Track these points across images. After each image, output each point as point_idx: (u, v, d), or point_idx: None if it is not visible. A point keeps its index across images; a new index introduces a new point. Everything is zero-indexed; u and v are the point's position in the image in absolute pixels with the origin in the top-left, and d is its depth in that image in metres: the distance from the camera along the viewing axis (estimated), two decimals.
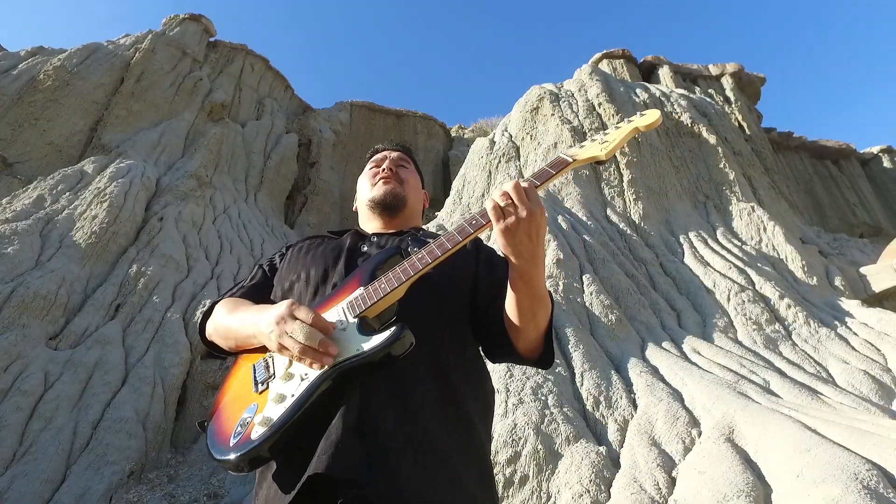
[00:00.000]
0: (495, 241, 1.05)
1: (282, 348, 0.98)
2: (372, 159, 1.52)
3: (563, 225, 7.45)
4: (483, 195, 9.39)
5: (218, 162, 14.31)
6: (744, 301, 6.62)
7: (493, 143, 10.76)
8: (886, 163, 19.90)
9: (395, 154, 1.51)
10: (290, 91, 20.12)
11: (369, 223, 1.43)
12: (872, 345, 5.84)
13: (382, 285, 1.03)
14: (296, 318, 0.98)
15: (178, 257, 10.10)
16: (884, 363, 5.43)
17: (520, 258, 1.01)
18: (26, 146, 12.56)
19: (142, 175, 11.65)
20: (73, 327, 8.06)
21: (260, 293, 1.30)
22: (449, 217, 9.31)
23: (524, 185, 1.00)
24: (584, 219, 7.97)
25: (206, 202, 12.64)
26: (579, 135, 9.77)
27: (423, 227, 1.53)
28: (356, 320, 0.99)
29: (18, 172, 11.87)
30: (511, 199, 0.98)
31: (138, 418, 7.00)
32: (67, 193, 10.56)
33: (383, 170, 1.44)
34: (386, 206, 1.39)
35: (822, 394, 4.75)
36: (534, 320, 1.10)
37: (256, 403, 0.95)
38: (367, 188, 1.44)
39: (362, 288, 1.05)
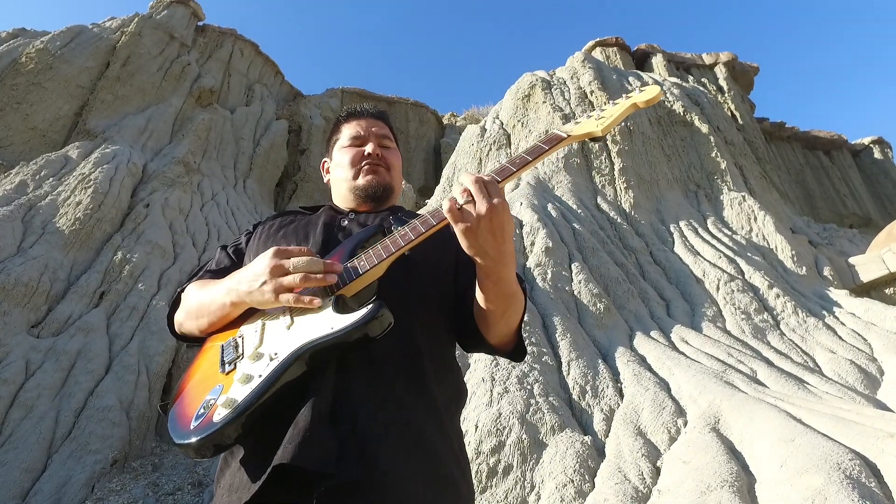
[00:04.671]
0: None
1: (279, 291, 0.92)
2: (352, 135, 1.35)
3: (553, 213, 7.38)
4: None
5: (206, 148, 14.10)
6: (733, 290, 6.60)
7: (483, 130, 10.64)
8: (877, 154, 19.96)
9: (377, 129, 1.37)
10: (281, 77, 19.84)
11: (346, 203, 1.34)
12: (859, 334, 5.84)
13: (362, 263, 0.98)
14: (290, 256, 0.95)
15: (165, 244, 9.96)
16: (870, 353, 5.43)
17: (486, 258, 0.94)
18: (8, 130, 12.29)
19: (128, 161, 11.45)
20: (56, 315, 7.93)
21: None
22: (438, 205, 9.22)
23: (485, 178, 0.92)
24: (575, 207, 7.90)
25: (194, 189, 12.47)
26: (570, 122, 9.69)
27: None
28: (332, 298, 0.92)
29: (0, 157, 11.63)
30: (471, 195, 0.90)
31: (122, 406, 6.90)
32: (51, 179, 10.36)
33: (369, 155, 1.31)
34: (371, 198, 1.30)
35: (808, 383, 4.74)
36: (503, 318, 1.05)
37: (222, 384, 0.89)
38: (350, 170, 1.31)
39: (340, 266, 1.00)
